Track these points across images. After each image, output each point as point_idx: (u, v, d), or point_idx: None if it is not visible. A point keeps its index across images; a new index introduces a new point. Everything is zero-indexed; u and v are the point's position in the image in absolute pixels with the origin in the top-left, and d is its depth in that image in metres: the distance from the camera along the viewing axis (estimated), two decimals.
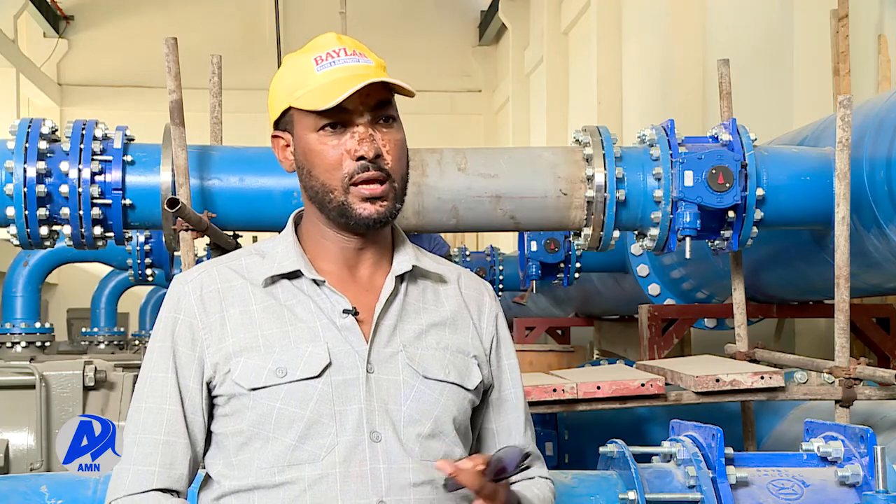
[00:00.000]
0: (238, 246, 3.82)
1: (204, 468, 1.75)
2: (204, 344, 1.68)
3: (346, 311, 1.69)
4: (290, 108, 1.72)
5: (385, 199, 1.69)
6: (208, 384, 1.69)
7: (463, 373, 1.75)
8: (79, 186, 3.57)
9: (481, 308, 1.84)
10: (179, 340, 1.70)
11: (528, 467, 1.74)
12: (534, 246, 6.19)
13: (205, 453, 1.73)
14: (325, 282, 1.70)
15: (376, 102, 1.68)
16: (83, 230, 3.62)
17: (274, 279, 1.72)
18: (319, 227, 1.75)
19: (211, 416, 1.72)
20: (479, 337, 1.81)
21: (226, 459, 1.69)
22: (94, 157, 3.60)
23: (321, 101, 1.64)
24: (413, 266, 1.76)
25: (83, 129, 3.66)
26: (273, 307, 1.69)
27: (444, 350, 1.74)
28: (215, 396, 1.70)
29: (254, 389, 1.64)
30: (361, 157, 1.66)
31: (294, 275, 1.72)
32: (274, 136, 1.77)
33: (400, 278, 1.76)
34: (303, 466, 1.62)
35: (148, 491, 1.66)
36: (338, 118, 1.67)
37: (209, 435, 1.72)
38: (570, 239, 4.92)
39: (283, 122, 1.74)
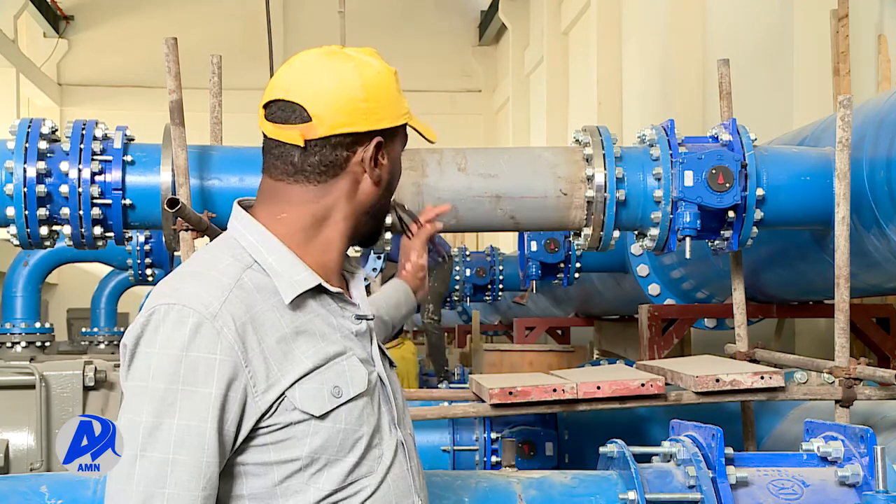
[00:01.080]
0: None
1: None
2: (249, 383, 1.54)
3: (359, 317, 1.69)
4: (403, 125, 1.72)
5: None
6: (258, 419, 1.56)
7: None
8: (79, 186, 3.56)
9: None
10: (232, 385, 1.53)
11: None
12: (534, 246, 6.19)
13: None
14: (342, 293, 1.68)
15: None
16: (83, 230, 3.62)
17: (299, 298, 1.63)
18: (330, 239, 1.68)
19: (239, 448, 1.58)
20: None
21: (264, 489, 1.58)
22: (94, 157, 3.60)
23: (432, 133, 1.77)
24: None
25: (83, 129, 3.65)
26: (301, 326, 1.61)
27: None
28: (259, 428, 1.57)
29: (324, 415, 1.57)
30: None
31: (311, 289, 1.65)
32: (379, 144, 1.68)
33: None
34: (362, 480, 1.62)
35: None
36: None
37: (230, 467, 1.58)
38: (570, 239, 4.92)
39: (381, 133, 1.68)
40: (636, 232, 3.90)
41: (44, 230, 3.62)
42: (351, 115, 1.63)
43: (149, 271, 7.32)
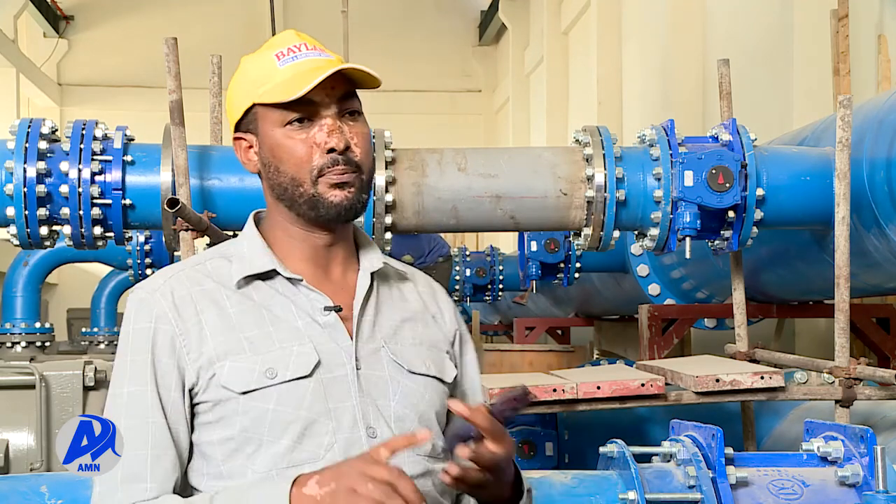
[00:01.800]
0: None
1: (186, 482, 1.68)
2: (183, 350, 1.63)
3: (328, 309, 1.68)
4: (253, 107, 1.69)
5: (353, 186, 1.68)
6: (190, 391, 1.64)
7: (440, 366, 1.77)
8: (79, 186, 3.57)
9: (440, 304, 1.86)
10: (157, 350, 1.63)
11: (527, 399, 1.66)
12: (534, 246, 6.19)
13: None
14: (301, 280, 1.69)
15: (342, 94, 1.68)
16: (83, 230, 3.62)
17: (247, 280, 1.68)
18: (287, 227, 1.72)
19: (192, 427, 1.66)
20: (443, 331, 1.83)
21: (213, 469, 1.64)
22: (94, 157, 3.60)
23: (287, 93, 1.63)
24: (383, 263, 1.78)
25: (83, 129, 3.66)
26: (250, 308, 1.66)
27: (420, 345, 1.76)
28: (197, 404, 1.64)
29: (245, 393, 1.60)
30: (332, 150, 1.65)
31: (267, 275, 1.69)
32: (236, 139, 1.74)
33: (371, 275, 1.77)
34: (302, 467, 1.60)
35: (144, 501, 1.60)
36: (305, 112, 1.66)
37: (193, 446, 1.66)
38: (570, 239, 4.92)
39: (246, 122, 1.72)
40: (636, 232, 3.90)
41: (44, 230, 3.62)
42: (227, 111, 1.76)
43: (149, 271, 7.30)
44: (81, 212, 3.58)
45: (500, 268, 8.63)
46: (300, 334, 1.66)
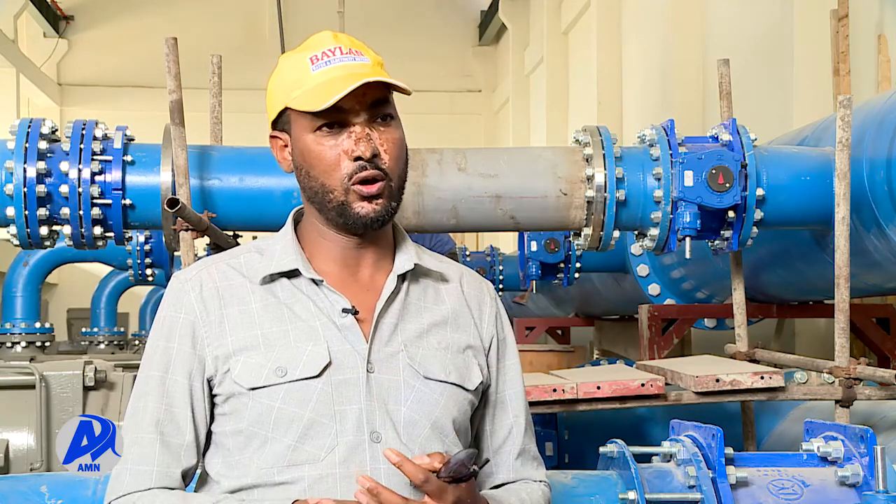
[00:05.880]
0: (238, 245, 3.82)
1: (202, 468, 1.74)
2: (205, 342, 1.68)
3: (345, 311, 1.68)
4: (286, 109, 1.71)
5: (381, 196, 1.68)
6: (209, 382, 1.68)
7: (463, 373, 1.74)
8: (79, 186, 3.56)
9: (482, 307, 1.83)
10: (181, 339, 1.68)
11: (474, 471, 1.60)
12: (534, 246, 6.19)
13: (204, 453, 1.72)
14: (322, 281, 1.70)
15: (373, 101, 1.67)
16: (83, 230, 3.62)
17: (273, 277, 1.71)
18: (318, 227, 1.74)
19: (212, 416, 1.71)
20: (480, 336, 1.80)
21: (225, 459, 1.68)
22: (94, 157, 3.60)
23: (316, 102, 1.63)
24: (415, 265, 1.76)
25: (83, 129, 3.65)
26: (272, 306, 1.69)
27: (446, 350, 1.74)
28: (215, 395, 1.69)
29: (253, 389, 1.63)
30: (358, 158, 1.66)
31: (292, 273, 1.71)
32: (272, 137, 1.76)
33: (402, 277, 1.75)
34: (302, 467, 1.61)
35: (146, 490, 1.64)
36: (334, 118, 1.66)
37: (209, 434, 1.71)
38: (570, 239, 4.92)
39: (281, 122, 1.73)
40: (636, 232, 3.90)
41: (44, 230, 3.62)
42: (266, 108, 1.77)
43: (149, 271, 7.32)
44: (81, 212, 3.58)
45: (500, 268, 8.62)
46: (316, 334, 1.67)
